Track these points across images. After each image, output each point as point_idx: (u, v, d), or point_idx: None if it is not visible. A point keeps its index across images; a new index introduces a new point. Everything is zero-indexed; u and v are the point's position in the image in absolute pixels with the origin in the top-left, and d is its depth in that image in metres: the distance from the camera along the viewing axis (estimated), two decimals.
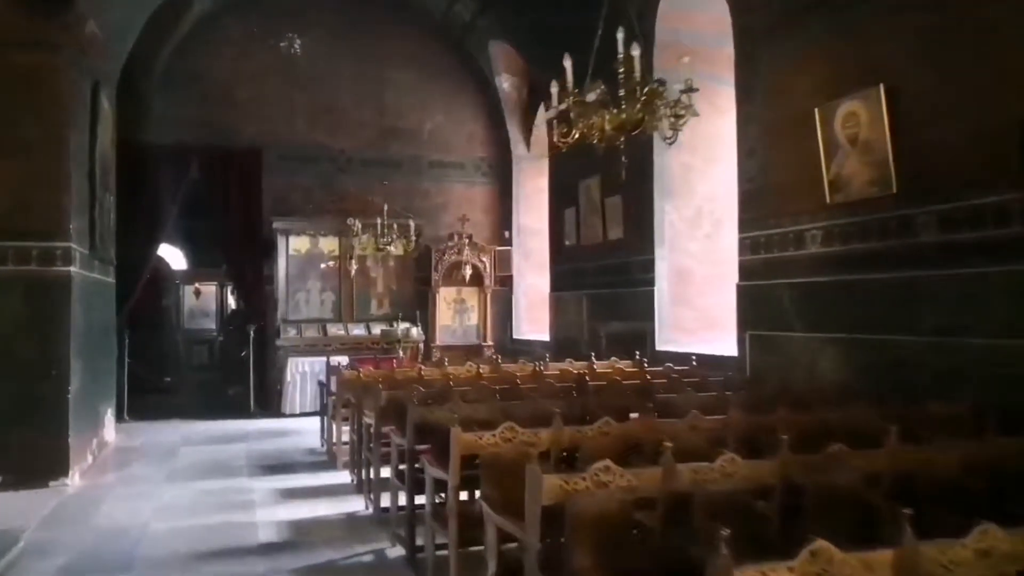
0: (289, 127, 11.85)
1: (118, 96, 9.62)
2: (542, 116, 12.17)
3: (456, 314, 12.46)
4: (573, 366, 7.89)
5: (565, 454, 3.94)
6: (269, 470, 7.48)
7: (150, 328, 15.51)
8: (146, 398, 12.10)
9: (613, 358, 8.14)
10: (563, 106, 3.83)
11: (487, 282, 12.36)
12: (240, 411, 11.15)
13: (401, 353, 10.40)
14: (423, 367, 7.58)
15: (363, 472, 6.41)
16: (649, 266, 8.47)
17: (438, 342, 12.10)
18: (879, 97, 5.37)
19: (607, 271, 9.38)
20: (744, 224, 7.00)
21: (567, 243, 10.47)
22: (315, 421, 9.79)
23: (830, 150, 5.84)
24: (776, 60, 6.55)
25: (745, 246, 6.98)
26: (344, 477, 7.04)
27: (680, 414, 4.28)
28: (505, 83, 12.36)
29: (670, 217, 8.45)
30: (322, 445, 8.52)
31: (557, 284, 10.92)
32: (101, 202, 7.98)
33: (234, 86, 11.62)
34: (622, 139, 3.92)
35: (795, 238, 6.29)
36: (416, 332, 10.38)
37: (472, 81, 12.67)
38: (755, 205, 6.87)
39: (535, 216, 12.61)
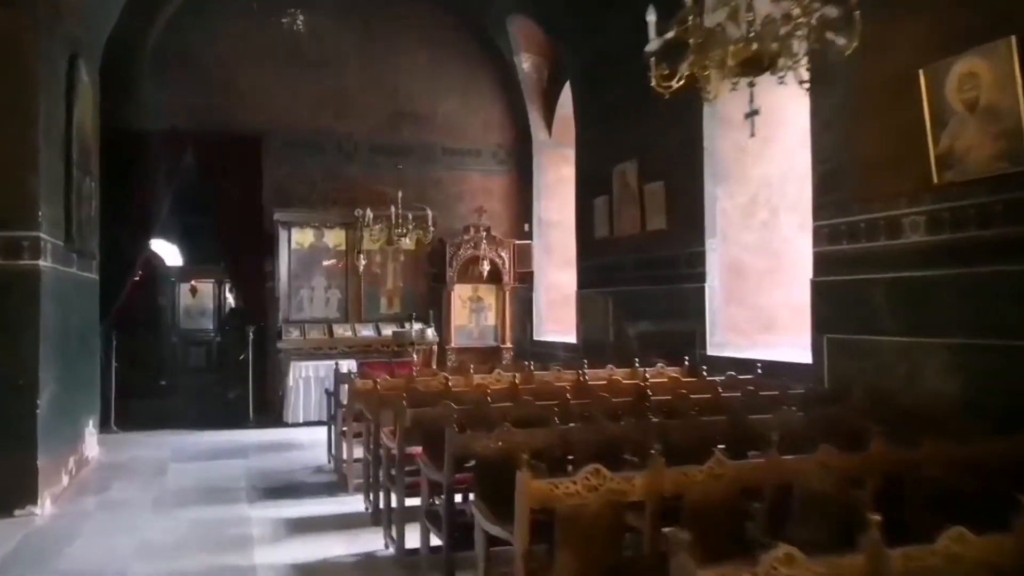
0: (291, 111, 10.90)
1: (104, 77, 8.70)
2: (566, 98, 11.25)
3: (472, 314, 11.51)
4: (615, 373, 6.96)
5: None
6: (270, 494, 6.54)
7: (143, 329, 14.69)
8: (136, 405, 11.15)
9: (660, 364, 7.20)
10: (671, 34, 2.80)
11: (506, 279, 11.41)
12: (238, 420, 10.20)
13: (415, 356, 9.45)
14: (448, 377, 6.63)
15: (380, 499, 5.47)
16: (698, 260, 7.52)
17: (453, 344, 11.16)
18: (1010, 52, 4.41)
19: (646, 265, 8.42)
20: (820, 210, 6.06)
21: (597, 236, 9.51)
22: (321, 432, 8.81)
23: (938, 119, 4.88)
24: (865, 11, 5.58)
25: (822, 236, 6.03)
26: (357, 503, 6.09)
27: (794, 445, 3.33)
28: (525, 63, 11.40)
29: (722, 204, 7.49)
30: (329, 462, 7.58)
31: (585, 281, 9.97)
32: (79, 187, 7.04)
33: (232, 67, 10.67)
34: (751, 81, 2.90)
35: (888, 225, 5.33)
36: (431, 333, 9.48)
37: (489, 61, 11.71)
38: (834, 187, 5.91)
39: (557, 207, 11.67)
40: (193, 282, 16.05)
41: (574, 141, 10.47)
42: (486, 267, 10.46)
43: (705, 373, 6.61)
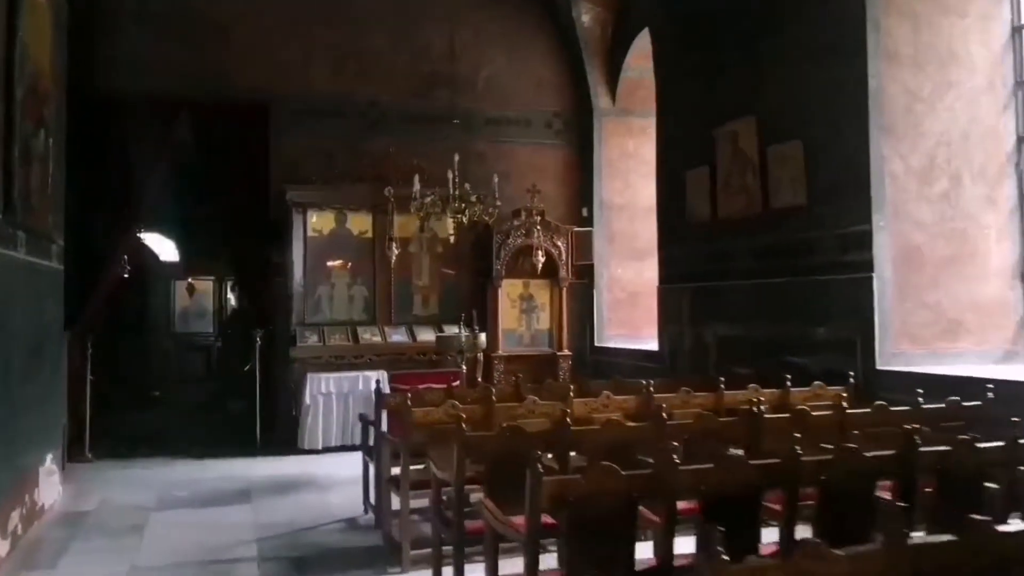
0: (305, 73, 9.03)
1: (79, 29, 6.90)
2: (633, 58, 9.37)
3: (523, 315, 9.60)
4: (762, 395, 5.08)
5: None
6: (288, 569, 4.64)
7: (132, 334, 12.85)
8: (119, 425, 9.31)
9: (817, 383, 5.30)
10: None
11: (563, 273, 9.50)
12: (243, 444, 8.30)
13: (463, 367, 7.55)
14: (535, 400, 4.72)
15: None
16: (858, 243, 5.61)
17: (500, 351, 9.25)
18: None
19: (770, 253, 6.52)
20: None
21: (690, 218, 7.61)
22: (347, 463, 7.01)
23: None
24: None
25: None
26: None
27: None
28: (585, 15, 9.53)
29: (892, 167, 5.59)
30: (367, 512, 5.68)
31: (670, 275, 8.06)
32: (27, 141, 5.16)
33: (234, 19, 8.80)
34: None
35: None
36: (483, 339, 7.62)
37: (542, 13, 9.83)
38: None
39: (622, 188, 9.81)
40: (190, 279, 14.14)
41: (654, 104, 8.58)
42: (541, 259, 8.51)
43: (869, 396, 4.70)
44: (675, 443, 3.89)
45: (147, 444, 8.55)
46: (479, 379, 7.87)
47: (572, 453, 3.82)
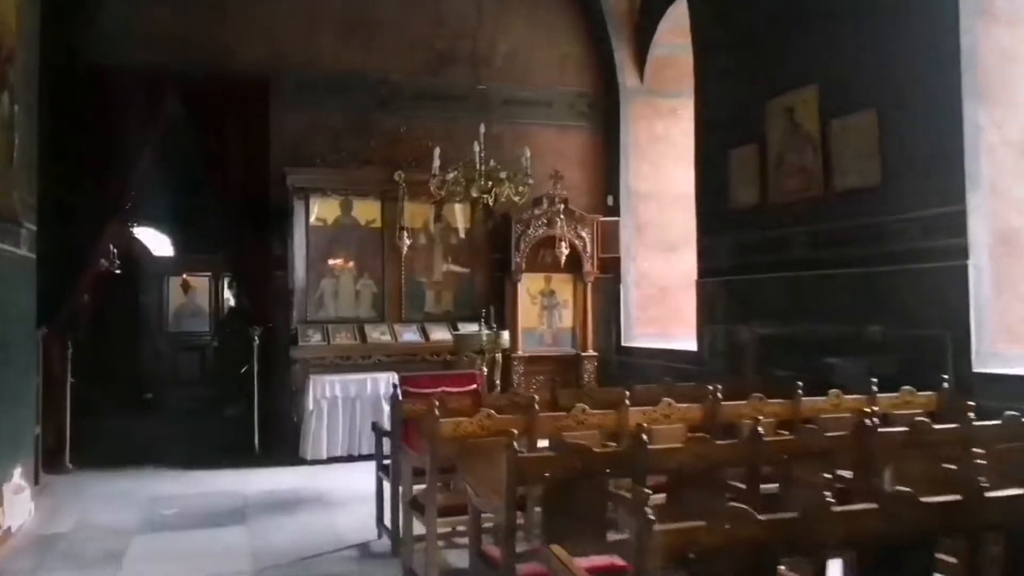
0: (309, 46, 8.27)
1: None
2: (665, 32, 8.62)
3: (544, 312, 8.85)
4: (846, 402, 4.34)
5: None
6: None
7: (121, 333, 12.14)
8: (105, 430, 8.59)
9: (906, 388, 4.55)
10: None
11: (587, 267, 8.74)
12: (240, 452, 7.57)
13: (484, 369, 6.80)
14: (584, 409, 3.97)
15: None
16: (948, 226, 4.86)
17: (520, 351, 8.49)
18: None
19: (835, 241, 5.75)
20: None
21: (734, 204, 6.86)
22: (354, 475, 6.31)
23: None
24: None
25: None
26: None
27: None
28: None
29: (988, 139, 4.84)
30: (380, 535, 4.93)
31: (710, 267, 7.30)
32: None
33: None
34: None
35: None
36: (506, 338, 6.86)
37: None
38: None
39: (651, 174, 9.06)
40: (185, 276, 13.36)
41: (684, 83, 7.88)
42: (564, 251, 7.73)
43: (971, 404, 3.95)
44: (768, 465, 3.15)
45: (135, 453, 7.81)
46: (497, 382, 7.14)
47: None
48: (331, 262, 8.17)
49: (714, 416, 4.14)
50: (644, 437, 2.88)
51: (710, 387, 4.23)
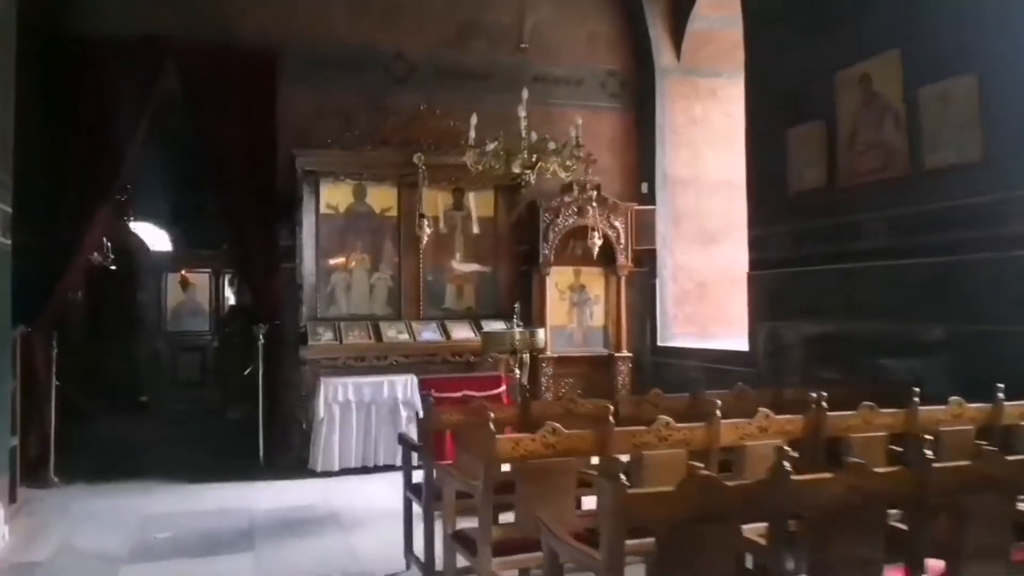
0: (320, 17, 7.56)
1: None
2: (705, 4, 7.93)
3: (573, 308, 8.14)
4: (968, 411, 3.64)
5: None
6: None
7: (119, 331, 11.49)
8: (96, 438, 7.91)
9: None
10: None
11: (621, 260, 8.04)
12: (243, 464, 6.88)
13: (516, 371, 6.09)
14: (669, 423, 3.26)
15: None
16: None
17: (548, 351, 7.78)
18: None
19: (920, 226, 5.04)
20: None
21: (795, 188, 6.15)
22: (373, 490, 5.62)
23: None
24: None
25: None
26: None
27: None
28: None
29: None
30: (409, 566, 4.22)
31: (764, 259, 6.58)
32: None
33: None
34: None
35: None
36: (541, 336, 6.14)
37: None
38: None
39: (689, 159, 8.37)
40: (184, 272, 12.67)
41: (724, 61, 7.25)
42: (598, 242, 7.01)
43: None
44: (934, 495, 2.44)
45: (127, 462, 7.13)
46: (523, 387, 6.43)
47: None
48: (342, 255, 7.47)
49: (818, 429, 3.44)
50: (785, 467, 2.17)
51: (813, 394, 3.51)
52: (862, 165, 5.51)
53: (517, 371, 6.04)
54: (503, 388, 7.25)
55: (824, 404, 3.48)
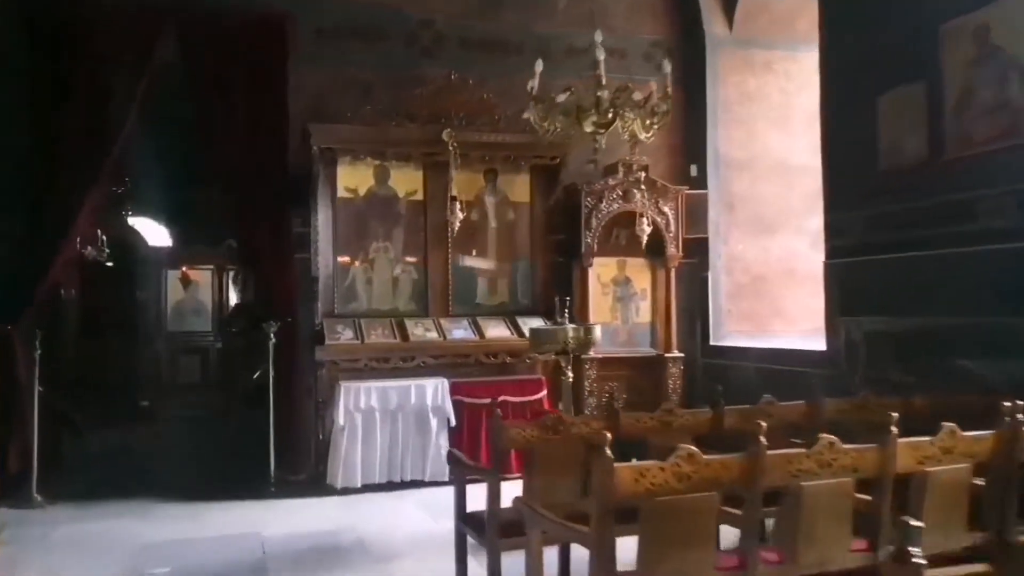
0: None
1: None
2: None
3: (617, 303, 7.34)
4: None
5: None
6: None
7: (116, 332, 10.75)
8: (88, 451, 7.13)
9: None
10: None
11: (671, 250, 7.23)
12: (251, 480, 6.07)
13: (570, 374, 5.28)
14: (832, 444, 2.46)
15: None
16: None
17: (592, 351, 6.96)
18: None
19: None
20: None
21: (887, 163, 5.34)
22: (404, 512, 4.83)
23: None
24: None
25: None
26: None
27: None
28: None
29: None
30: None
31: (843, 246, 5.77)
32: None
33: None
34: None
35: None
36: (597, 334, 5.33)
37: None
38: None
39: (744, 139, 7.59)
40: (185, 268, 11.89)
41: (780, 31, 6.47)
42: (646, 230, 6.20)
43: None
44: None
45: (122, 478, 6.34)
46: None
47: None
48: (362, 244, 6.68)
49: (1012, 448, 2.64)
50: None
51: (1006, 403, 2.70)
52: (979, 132, 4.70)
53: (570, 374, 5.24)
54: (543, 393, 6.47)
55: (1019, 418, 2.67)
